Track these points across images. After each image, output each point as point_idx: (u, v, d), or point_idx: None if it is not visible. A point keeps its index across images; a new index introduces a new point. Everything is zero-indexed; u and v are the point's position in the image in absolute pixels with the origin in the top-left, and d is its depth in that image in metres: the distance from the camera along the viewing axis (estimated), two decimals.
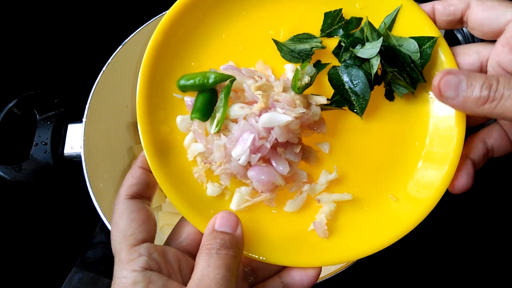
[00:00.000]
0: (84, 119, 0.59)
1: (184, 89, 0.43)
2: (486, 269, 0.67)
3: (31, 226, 0.72)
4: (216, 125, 0.41)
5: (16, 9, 0.78)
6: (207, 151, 0.42)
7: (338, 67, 0.45)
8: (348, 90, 0.45)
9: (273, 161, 0.41)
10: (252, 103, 0.43)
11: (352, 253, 0.42)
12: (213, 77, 0.42)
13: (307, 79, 0.42)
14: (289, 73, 0.45)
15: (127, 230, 0.37)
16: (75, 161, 0.60)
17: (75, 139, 0.61)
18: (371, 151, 0.45)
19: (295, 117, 0.40)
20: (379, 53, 0.43)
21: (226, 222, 0.38)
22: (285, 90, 0.43)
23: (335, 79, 0.45)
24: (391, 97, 0.46)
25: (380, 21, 0.46)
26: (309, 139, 0.45)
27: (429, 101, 0.45)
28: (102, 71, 0.61)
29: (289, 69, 0.46)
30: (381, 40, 0.43)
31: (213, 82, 0.42)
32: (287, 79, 0.44)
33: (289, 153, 0.42)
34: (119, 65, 0.63)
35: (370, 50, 0.44)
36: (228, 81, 0.42)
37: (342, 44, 0.46)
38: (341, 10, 0.46)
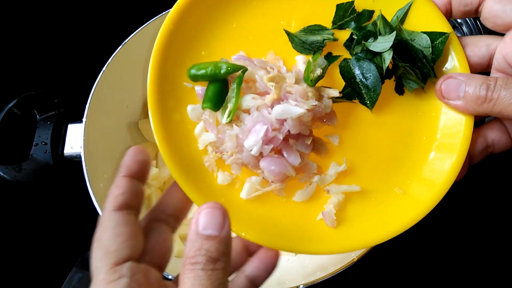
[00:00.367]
0: (84, 119, 0.59)
1: (195, 78, 0.43)
2: (486, 269, 0.68)
3: (31, 226, 0.71)
4: (228, 115, 0.41)
5: (16, 9, 0.77)
6: (218, 140, 0.42)
7: (349, 60, 0.45)
8: (359, 83, 0.45)
9: (284, 152, 0.42)
10: (263, 94, 0.43)
11: (358, 243, 0.43)
12: (225, 67, 0.42)
13: (319, 71, 0.42)
14: (300, 64, 0.45)
15: (110, 245, 0.34)
16: (75, 161, 0.60)
17: (75, 139, 0.61)
18: (380, 144, 0.46)
19: (307, 110, 0.41)
20: (391, 47, 0.43)
21: (211, 220, 0.33)
22: (297, 81, 0.43)
23: (346, 72, 0.45)
24: (401, 91, 0.46)
25: (392, 14, 0.46)
26: (319, 131, 0.45)
27: None
28: (102, 71, 0.61)
29: (300, 61, 0.46)
30: (394, 34, 0.43)
31: (225, 72, 0.42)
32: (299, 70, 0.44)
33: (300, 144, 0.42)
34: (119, 65, 0.62)
35: (383, 43, 0.44)
36: (240, 72, 0.42)
37: (354, 36, 0.46)
38: (353, 2, 0.46)
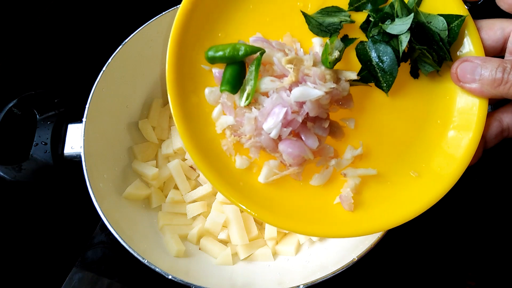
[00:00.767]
0: (84, 119, 0.58)
1: (213, 60, 0.42)
2: (486, 269, 0.68)
3: (31, 226, 0.71)
4: (246, 98, 0.41)
5: (16, 9, 0.76)
6: (237, 123, 0.42)
7: (365, 43, 0.45)
8: (375, 66, 0.45)
9: (302, 135, 0.42)
10: (281, 76, 0.42)
11: (376, 225, 0.43)
12: (243, 49, 0.41)
13: (337, 54, 0.42)
14: (317, 47, 0.45)
15: None
16: (75, 161, 0.60)
17: (75, 139, 0.61)
18: (395, 127, 0.46)
19: (326, 92, 0.40)
20: (409, 29, 0.43)
21: None
22: (315, 64, 0.42)
23: (362, 54, 0.45)
24: (416, 75, 0.46)
25: None
26: (335, 115, 0.45)
27: None
28: (102, 71, 0.60)
29: (317, 43, 0.45)
30: (412, 16, 0.43)
31: (244, 54, 0.41)
32: (316, 53, 0.44)
33: (318, 128, 0.42)
34: (119, 65, 0.62)
35: (400, 26, 0.43)
36: (258, 54, 0.42)
37: (371, 19, 0.45)
38: None
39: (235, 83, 0.41)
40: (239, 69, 0.42)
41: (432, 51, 0.44)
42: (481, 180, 0.71)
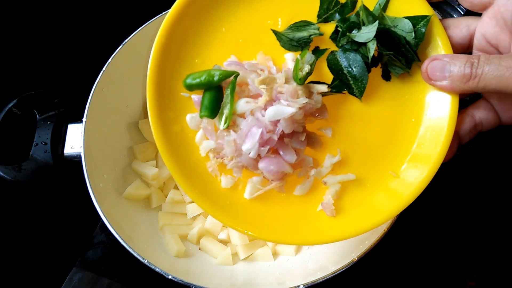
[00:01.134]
0: (84, 119, 0.59)
1: (191, 88, 0.44)
2: (486, 269, 0.68)
3: (31, 226, 0.72)
4: (224, 122, 0.43)
5: (16, 9, 0.76)
6: (218, 146, 0.44)
7: (336, 52, 0.47)
8: (346, 74, 0.46)
9: (280, 151, 0.44)
10: (257, 96, 0.44)
11: (357, 228, 0.45)
12: (218, 74, 0.43)
13: (307, 68, 0.44)
14: (289, 62, 0.47)
15: None
16: (75, 161, 0.60)
17: (75, 139, 0.61)
18: (371, 131, 0.48)
19: (298, 108, 0.42)
20: (375, 37, 0.44)
21: None
22: (287, 81, 0.44)
23: (334, 64, 0.47)
24: (387, 77, 0.48)
25: (375, 1, 0.47)
26: (312, 125, 0.47)
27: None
28: (102, 71, 0.61)
29: (289, 58, 0.47)
30: (376, 24, 0.44)
31: (219, 79, 0.43)
32: (288, 69, 0.46)
33: (295, 142, 0.44)
34: (119, 65, 0.62)
35: (366, 34, 0.45)
36: (232, 77, 0.44)
37: (339, 29, 0.47)
38: None
39: (213, 108, 0.44)
40: (216, 94, 0.44)
41: (399, 55, 0.45)
42: (481, 180, 0.71)
